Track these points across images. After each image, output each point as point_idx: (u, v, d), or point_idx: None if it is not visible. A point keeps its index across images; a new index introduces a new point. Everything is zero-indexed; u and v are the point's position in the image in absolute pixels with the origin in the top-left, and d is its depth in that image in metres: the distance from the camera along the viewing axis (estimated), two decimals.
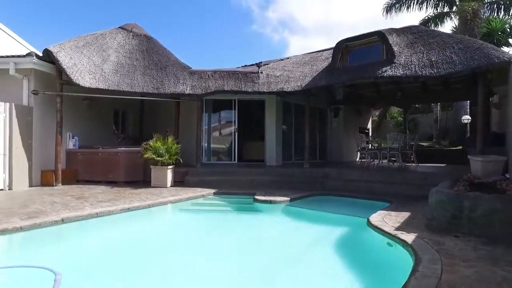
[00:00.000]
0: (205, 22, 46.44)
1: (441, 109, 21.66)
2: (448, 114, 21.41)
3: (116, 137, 12.33)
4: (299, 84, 10.16)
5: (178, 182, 9.33)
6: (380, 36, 9.27)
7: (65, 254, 4.32)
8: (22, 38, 15.34)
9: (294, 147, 12.74)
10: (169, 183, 8.90)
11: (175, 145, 9.17)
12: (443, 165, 12.03)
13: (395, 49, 8.75)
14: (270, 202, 7.07)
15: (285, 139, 12.21)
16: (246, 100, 11.55)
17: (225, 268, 3.83)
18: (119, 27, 11.28)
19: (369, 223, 5.01)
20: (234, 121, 11.73)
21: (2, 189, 7.95)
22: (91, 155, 9.86)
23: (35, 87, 8.81)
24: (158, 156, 8.76)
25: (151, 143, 8.95)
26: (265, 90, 10.08)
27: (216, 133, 12.38)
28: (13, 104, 8.25)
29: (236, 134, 11.69)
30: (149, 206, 6.54)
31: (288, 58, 12.70)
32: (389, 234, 4.35)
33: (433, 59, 8.05)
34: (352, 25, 47.02)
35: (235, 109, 11.67)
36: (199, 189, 8.33)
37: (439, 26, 18.12)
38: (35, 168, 8.87)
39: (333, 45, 10.49)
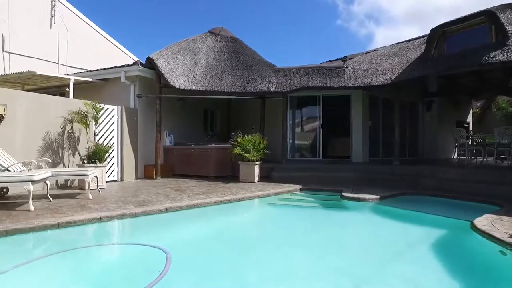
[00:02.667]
0: (289, 20, 46.38)
1: None
2: None
3: (205, 134, 13.22)
4: (387, 77, 9.61)
5: (265, 177, 9.63)
6: (488, 15, 8.10)
7: (171, 238, 4.83)
8: (119, 43, 17.54)
9: (381, 143, 12.09)
10: (256, 178, 9.24)
11: (263, 142, 9.45)
12: None
13: (509, 29, 7.52)
14: (359, 199, 6.85)
15: (372, 135, 11.66)
16: (330, 95, 11.33)
17: (314, 264, 3.84)
18: (208, 32, 12.05)
19: (474, 227, 4.50)
20: (319, 117, 11.60)
21: (116, 180, 9.19)
22: (185, 151, 10.75)
23: (139, 91, 9.94)
24: (246, 153, 9.16)
25: (239, 140, 9.39)
26: (351, 85, 9.77)
27: (301, 130, 12.41)
28: (123, 107, 9.44)
29: (321, 130, 11.54)
30: (239, 199, 6.90)
31: (375, 50, 12.08)
32: (502, 241, 3.84)
33: None
34: (449, 10, 42.11)
35: (319, 105, 11.54)
36: (285, 185, 8.47)
37: None
38: (140, 162, 10.03)
39: (426, 33, 9.67)
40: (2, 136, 6.74)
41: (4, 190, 6.54)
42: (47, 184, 6.20)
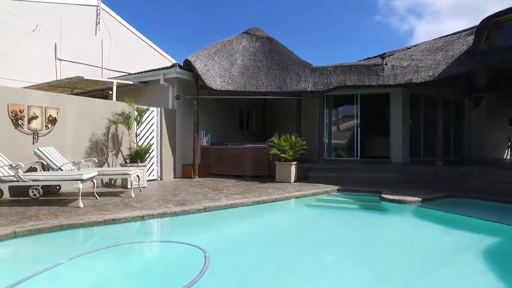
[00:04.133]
0: (324, 17, 45.17)
1: None
2: None
3: (241, 134, 13.36)
4: (430, 74, 9.16)
5: (301, 177, 9.55)
6: None
7: (209, 237, 4.93)
8: (156, 46, 18.29)
9: (423, 142, 11.57)
10: (292, 179, 9.19)
11: (300, 142, 9.38)
12: None
13: None
14: (399, 201, 6.61)
15: (413, 134, 11.19)
16: (368, 94, 11.03)
17: (354, 268, 3.74)
18: (243, 32, 12.15)
19: None
20: (356, 116, 11.34)
21: (155, 179, 9.54)
22: (222, 151, 10.92)
23: (177, 92, 10.24)
24: (282, 153, 9.13)
25: (275, 140, 9.38)
26: (390, 83, 9.43)
27: (338, 129, 12.18)
28: (162, 108, 9.77)
29: (359, 129, 11.27)
30: (276, 200, 6.90)
31: (416, 46, 11.57)
32: None
33: None
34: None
35: (357, 103, 11.27)
36: (322, 185, 8.37)
37: None
38: (178, 162, 10.33)
39: (473, 25, 9.09)
40: (55, 137, 7.24)
41: (57, 187, 7.03)
42: (94, 183, 6.58)
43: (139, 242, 4.62)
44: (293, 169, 9.24)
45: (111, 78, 11.70)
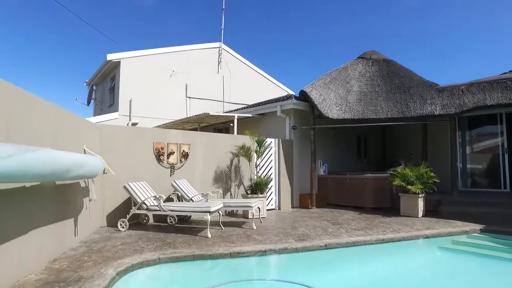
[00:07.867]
0: (451, 26, 39.35)
1: None
2: None
3: (358, 161, 12.73)
4: None
5: (430, 211, 8.46)
6: None
7: (332, 280, 4.69)
8: (270, 76, 19.27)
9: None
10: (420, 213, 8.19)
11: (429, 173, 8.36)
12: None
13: None
14: None
15: None
16: None
17: None
18: (358, 57, 11.78)
19: None
20: (502, 139, 9.53)
21: (274, 209, 9.75)
22: (339, 180, 10.55)
23: (294, 123, 10.43)
24: (407, 184, 8.27)
25: (399, 170, 8.59)
26: None
27: (475, 155, 10.42)
28: (279, 139, 10.07)
29: (506, 155, 9.42)
30: (403, 239, 6.19)
31: None
32: None
33: None
34: None
35: (501, 123, 9.50)
36: (458, 223, 7.21)
37: None
38: (295, 192, 10.38)
39: None
40: (187, 170, 8.14)
41: (189, 216, 7.82)
42: (219, 213, 7.08)
43: (262, 280, 4.70)
44: (420, 202, 8.24)
45: (232, 111, 12.74)
